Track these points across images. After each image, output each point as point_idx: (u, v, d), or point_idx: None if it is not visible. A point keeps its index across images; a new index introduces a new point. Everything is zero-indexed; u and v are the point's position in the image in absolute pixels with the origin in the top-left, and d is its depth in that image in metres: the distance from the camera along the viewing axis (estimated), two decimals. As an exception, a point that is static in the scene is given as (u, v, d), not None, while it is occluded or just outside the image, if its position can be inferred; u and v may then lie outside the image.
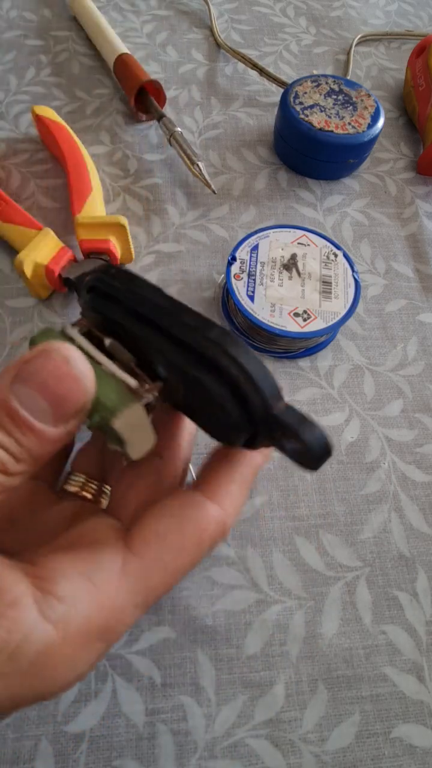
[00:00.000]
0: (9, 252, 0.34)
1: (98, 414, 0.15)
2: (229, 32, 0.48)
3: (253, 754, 0.22)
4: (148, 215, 0.36)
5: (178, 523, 0.16)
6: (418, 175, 0.41)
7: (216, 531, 0.16)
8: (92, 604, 0.14)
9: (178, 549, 0.16)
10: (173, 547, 0.16)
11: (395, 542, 0.27)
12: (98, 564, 0.15)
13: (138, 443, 0.16)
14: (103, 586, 0.15)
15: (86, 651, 0.14)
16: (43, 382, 0.14)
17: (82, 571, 0.15)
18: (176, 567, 0.16)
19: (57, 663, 0.14)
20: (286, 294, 0.30)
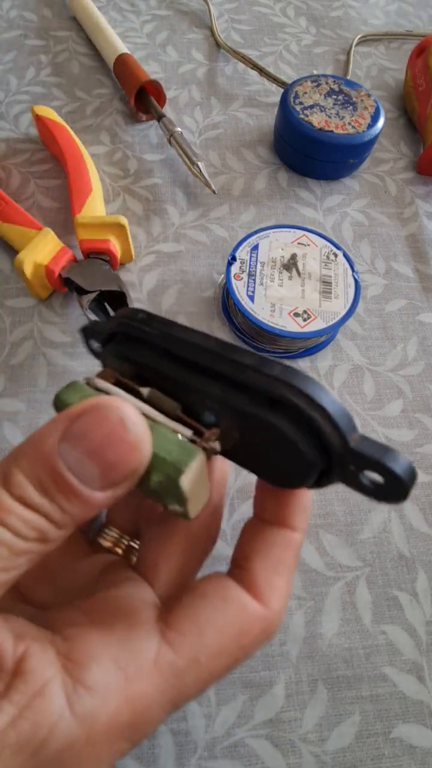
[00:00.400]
0: (9, 252, 0.34)
1: (160, 472, 0.13)
2: (229, 32, 0.48)
3: (253, 754, 0.22)
4: (148, 215, 0.36)
5: (219, 619, 0.14)
6: (418, 175, 0.41)
7: (261, 634, 0.15)
8: (121, 700, 0.13)
9: (217, 651, 0.14)
10: (212, 649, 0.14)
11: (395, 542, 0.27)
12: (132, 652, 0.14)
13: (198, 499, 0.14)
14: (135, 679, 0.13)
15: (109, 751, 0.13)
16: (96, 447, 0.12)
17: (115, 658, 0.14)
18: (212, 670, 0.14)
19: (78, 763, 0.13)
20: (286, 294, 0.30)
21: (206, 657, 0.14)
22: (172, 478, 0.13)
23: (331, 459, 0.14)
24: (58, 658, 0.13)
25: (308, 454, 0.13)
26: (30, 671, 0.12)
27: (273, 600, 0.15)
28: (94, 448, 0.12)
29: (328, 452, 0.14)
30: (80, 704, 0.12)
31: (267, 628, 0.15)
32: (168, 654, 0.14)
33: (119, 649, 0.14)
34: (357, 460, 0.13)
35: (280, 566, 0.16)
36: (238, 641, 0.14)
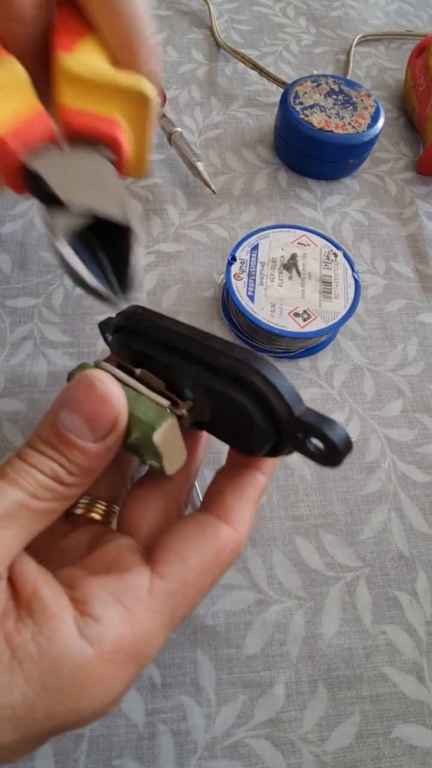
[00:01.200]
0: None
1: (138, 430, 0.17)
2: (229, 32, 0.48)
3: (253, 754, 0.22)
4: (148, 215, 0.36)
5: (198, 546, 0.17)
6: (418, 175, 0.41)
7: (232, 553, 0.18)
8: (125, 626, 0.15)
9: (200, 570, 0.17)
10: (195, 569, 0.17)
11: (395, 542, 0.27)
12: (128, 587, 0.16)
13: (173, 458, 0.17)
14: (134, 608, 0.15)
15: (119, 672, 0.15)
16: (78, 404, 0.16)
17: (114, 594, 0.16)
18: (198, 588, 0.17)
19: (93, 682, 0.14)
20: (286, 294, 0.30)
21: (192, 578, 0.17)
22: (147, 434, 0.16)
23: (280, 428, 0.16)
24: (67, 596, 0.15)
25: (261, 423, 0.16)
26: (44, 600, 0.15)
27: (241, 525, 0.18)
28: (76, 405, 0.16)
29: (278, 422, 0.16)
30: (88, 630, 0.14)
31: (236, 548, 0.18)
32: (159, 583, 0.16)
33: (116, 587, 0.16)
34: (302, 428, 0.16)
35: (248, 499, 0.19)
36: (216, 560, 0.17)
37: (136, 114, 0.18)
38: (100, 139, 0.17)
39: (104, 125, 0.17)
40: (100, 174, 0.17)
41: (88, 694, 0.14)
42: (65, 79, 0.17)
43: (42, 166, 0.16)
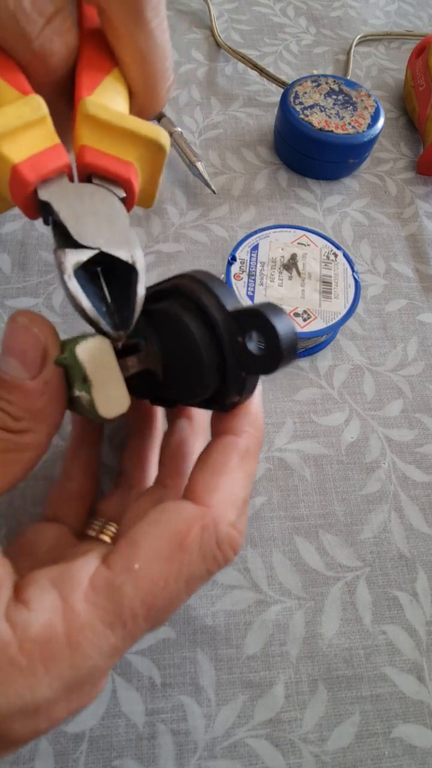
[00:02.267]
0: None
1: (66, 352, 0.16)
2: (229, 32, 0.48)
3: (253, 754, 0.22)
4: (148, 215, 0.36)
5: (151, 528, 0.15)
6: (418, 175, 0.41)
7: (202, 532, 0.15)
8: (55, 613, 0.13)
9: (152, 555, 0.14)
10: (147, 555, 0.14)
11: (395, 542, 0.27)
12: (70, 574, 0.14)
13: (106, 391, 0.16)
14: (70, 596, 0.14)
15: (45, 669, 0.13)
16: (8, 346, 0.16)
17: (53, 580, 0.14)
18: (153, 576, 0.14)
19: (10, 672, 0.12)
20: (286, 294, 0.30)
21: (141, 563, 0.14)
22: (72, 350, 0.15)
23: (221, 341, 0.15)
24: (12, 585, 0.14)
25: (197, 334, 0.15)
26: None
27: (212, 498, 0.15)
28: (7, 347, 0.16)
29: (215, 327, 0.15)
30: (15, 614, 0.13)
31: (208, 525, 0.15)
32: (103, 572, 0.14)
33: (59, 573, 0.14)
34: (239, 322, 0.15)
35: (220, 467, 0.16)
36: (177, 543, 0.15)
37: (150, 159, 0.19)
38: (114, 179, 0.18)
39: (120, 168, 0.18)
40: (110, 211, 0.18)
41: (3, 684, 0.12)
42: (86, 120, 0.17)
43: (54, 197, 0.17)
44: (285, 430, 0.29)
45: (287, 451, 0.29)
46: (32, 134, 0.17)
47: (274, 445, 0.29)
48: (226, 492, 0.16)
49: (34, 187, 0.17)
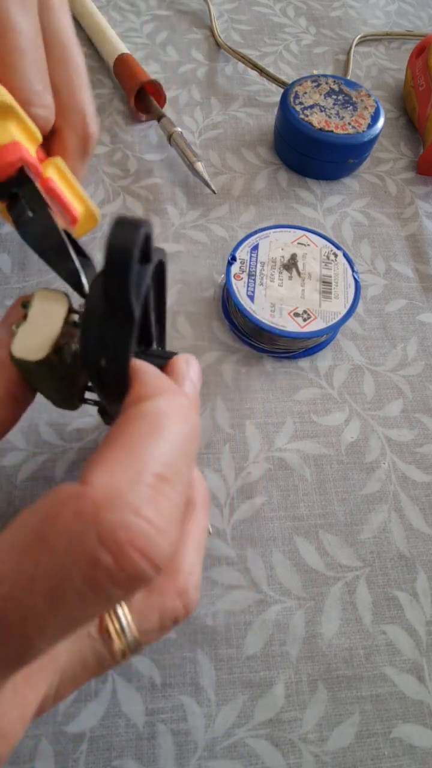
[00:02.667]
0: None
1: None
2: (229, 32, 0.48)
3: (253, 754, 0.22)
4: (148, 215, 0.36)
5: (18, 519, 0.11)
6: (418, 175, 0.41)
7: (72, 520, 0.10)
8: None
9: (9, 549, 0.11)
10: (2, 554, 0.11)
11: (395, 542, 0.27)
12: None
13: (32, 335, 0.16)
14: None
15: None
16: None
17: None
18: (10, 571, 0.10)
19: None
20: (286, 294, 0.30)
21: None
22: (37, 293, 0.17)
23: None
24: None
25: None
26: None
27: (95, 475, 0.11)
28: None
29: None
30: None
31: (82, 509, 0.10)
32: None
33: None
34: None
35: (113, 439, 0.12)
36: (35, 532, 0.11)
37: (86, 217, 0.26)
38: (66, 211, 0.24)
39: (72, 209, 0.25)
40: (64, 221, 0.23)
41: None
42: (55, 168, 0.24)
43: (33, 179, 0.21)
44: (285, 430, 0.29)
45: (287, 451, 0.29)
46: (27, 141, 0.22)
47: (274, 445, 0.29)
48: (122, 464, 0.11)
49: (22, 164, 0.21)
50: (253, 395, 0.30)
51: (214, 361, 0.31)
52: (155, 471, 0.11)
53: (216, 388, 0.30)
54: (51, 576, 0.10)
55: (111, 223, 0.13)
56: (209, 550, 0.26)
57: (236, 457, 0.28)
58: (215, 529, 0.26)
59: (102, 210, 0.36)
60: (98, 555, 0.10)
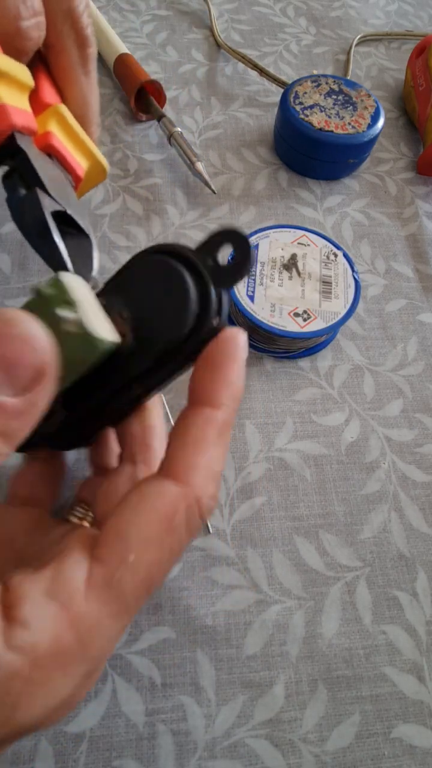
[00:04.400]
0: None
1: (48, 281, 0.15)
2: (229, 32, 0.48)
3: (253, 754, 0.22)
4: (148, 215, 0.36)
5: (138, 516, 0.15)
6: (418, 175, 0.41)
7: (189, 510, 0.15)
8: (60, 624, 0.13)
9: (144, 543, 0.14)
10: (139, 544, 0.14)
11: (395, 542, 0.27)
12: (63, 581, 0.14)
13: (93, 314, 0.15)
14: (69, 603, 0.14)
15: (64, 673, 0.13)
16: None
17: (47, 591, 0.14)
18: (147, 563, 0.14)
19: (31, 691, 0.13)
20: (286, 294, 0.30)
21: (138, 554, 0.14)
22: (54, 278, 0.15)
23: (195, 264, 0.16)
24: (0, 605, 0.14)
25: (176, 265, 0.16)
26: None
27: (193, 476, 0.15)
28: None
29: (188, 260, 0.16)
30: (16, 638, 0.13)
31: (191, 504, 0.15)
32: (97, 569, 0.14)
33: (50, 582, 0.14)
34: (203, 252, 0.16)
35: (199, 443, 0.15)
36: (165, 526, 0.15)
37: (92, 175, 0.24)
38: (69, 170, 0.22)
39: (76, 166, 0.23)
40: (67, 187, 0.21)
41: (26, 704, 0.13)
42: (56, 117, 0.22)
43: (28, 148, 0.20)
44: (285, 430, 0.29)
45: (287, 451, 0.29)
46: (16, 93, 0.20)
47: (274, 445, 0.29)
48: (206, 468, 0.15)
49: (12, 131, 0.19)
50: (253, 395, 0.30)
51: (214, 361, 0.31)
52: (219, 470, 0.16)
53: (216, 388, 0.30)
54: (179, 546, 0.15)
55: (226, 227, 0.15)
56: (209, 550, 0.26)
57: (236, 457, 0.28)
58: (215, 529, 0.26)
59: (102, 210, 0.36)
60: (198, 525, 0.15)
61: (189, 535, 0.15)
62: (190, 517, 0.15)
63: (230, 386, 0.16)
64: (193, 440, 0.16)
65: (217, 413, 0.16)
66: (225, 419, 0.16)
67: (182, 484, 0.15)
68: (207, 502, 0.15)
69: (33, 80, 0.20)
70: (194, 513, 0.15)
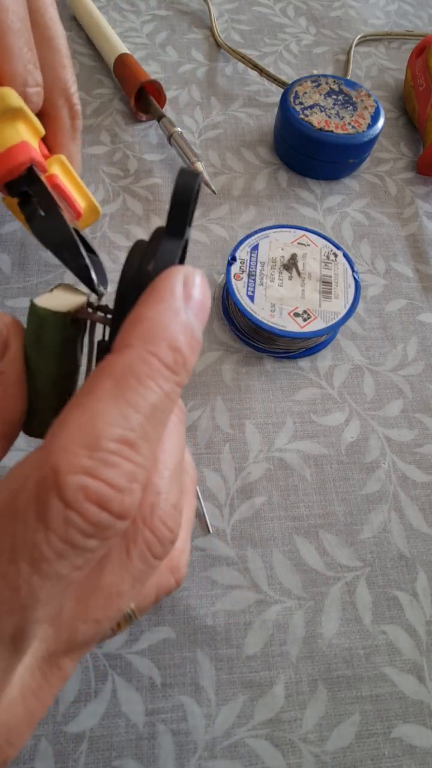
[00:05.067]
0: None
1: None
2: (229, 32, 0.48)
3: (253, 754, 0.22)
4: (148, 215, 0.36)
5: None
6: (418, 175, 0.41)
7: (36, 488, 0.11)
8: None
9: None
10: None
11: (395, 542, 0.27)
12: None
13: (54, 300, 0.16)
14: None
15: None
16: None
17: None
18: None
19: None
20: (286, 294, 0.30)
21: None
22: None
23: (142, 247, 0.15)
24: None
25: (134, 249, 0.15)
26: None
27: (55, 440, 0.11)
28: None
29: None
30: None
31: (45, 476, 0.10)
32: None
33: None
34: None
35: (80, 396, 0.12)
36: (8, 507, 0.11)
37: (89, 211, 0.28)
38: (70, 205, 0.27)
39: (76, 204, 0.27)
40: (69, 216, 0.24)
41: None
42: (59, 163, 0.26)
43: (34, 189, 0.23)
44: (285, 430, 0.29)
45: (287, 451, 0.29)
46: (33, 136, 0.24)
47: (274, 445, 0.29)
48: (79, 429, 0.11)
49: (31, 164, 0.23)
50: (253, 395, 0.30)
51: (214, 361, 0.31)
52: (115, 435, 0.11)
53: (216, 388, 0.30)
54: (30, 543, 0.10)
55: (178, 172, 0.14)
56: (209, 550, 0.26)
57: (236, 457, 0.28)
58: (215, 528, 0.26)
59: (102, 210, 0.36)
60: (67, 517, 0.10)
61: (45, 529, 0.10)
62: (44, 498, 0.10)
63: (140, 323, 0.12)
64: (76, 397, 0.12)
65: (115, 358, 0.12)
66: (128, 363, 0.12)
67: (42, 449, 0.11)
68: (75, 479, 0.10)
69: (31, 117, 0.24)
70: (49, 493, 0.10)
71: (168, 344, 0.12)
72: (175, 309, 0.12)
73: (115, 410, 0.11)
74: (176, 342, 0.12)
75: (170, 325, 0.12)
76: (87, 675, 0.23)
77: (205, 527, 0.26)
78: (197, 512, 0.27)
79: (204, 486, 0.27)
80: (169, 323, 0.12)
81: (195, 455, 0.28)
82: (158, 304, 0.12)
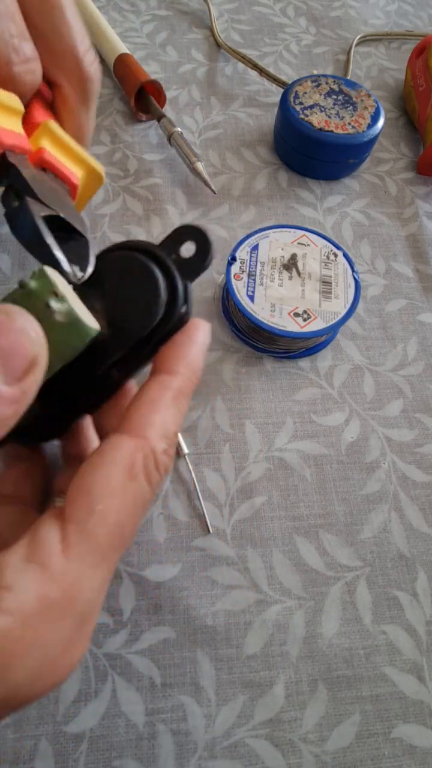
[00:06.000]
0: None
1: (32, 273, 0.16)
2: (229, 32, 0.48)
3: (253, 754, 0.22)
4: (148, 215, 0.36)
5: (99, 472, 0.16)
6: (418, 175, 0.41)
7: (146, 459, 0.16)
8: (44, 583, 0.14)
9: (108, 492, 0.15)
10: (102, 494, 0.15)
11: (395, 542, 0.27)
12: (39, 545, 0.15)
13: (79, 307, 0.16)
14: (48, 562, 0.14)
15: (54, 629, 0.14)
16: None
17: (25, 556, 0.15)
18: (115, 510, 0.15)
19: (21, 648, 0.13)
20: (286, 294, 0.30)
21: (102, 504, 0.15)
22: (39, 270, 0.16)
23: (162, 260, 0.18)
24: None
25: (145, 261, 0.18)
26: None
27: (147, 431, 0.16)
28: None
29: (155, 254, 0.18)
30: (4, 602, 0.14)
31: (148, 454, 0.16)
32: (69, 526, 0.15)
33: (27, 548, 0.15)
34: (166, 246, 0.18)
35: (154, 403, 0.17)
36: (125, 475, 0.16)
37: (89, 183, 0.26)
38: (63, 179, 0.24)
39: (70, 175, 0.24)
40: (63, 196, 0.22)
41: (18, 662, 0.13)
42: (47, 133, 0.23)
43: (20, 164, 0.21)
44: (285, 430, 0.29)
45: (287, 451, 0.29)
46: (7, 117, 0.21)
47: (274, 445, 0.29)
48: (160, 426, 0.17)
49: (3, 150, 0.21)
50: (253, 395, 0.30)
51: (214, 361, 0.31)
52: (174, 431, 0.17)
53: (216, 387, 0.30)
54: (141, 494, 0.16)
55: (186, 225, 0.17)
56: (209, 550, 0.26)
57: (236, 457, 0.28)
58: (215, 528, 0.26)
59: (102, 210, 0.36)
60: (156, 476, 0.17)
61: (149, 484, 0.16)
62: (148, 465, 0.16)
63: (186, 358, 0.18)
64: (148, 400, 0.17)
65: (172, 379, 0.17)
66: (180, 386, 0.18)
67: (138, 438, 0.16)
68: (161, 456, 0.17)
69: (23, 106, 0.22)
70: (151, 463, 0.16)
71: (196, 375, 0.18)
72: (203, 352, 0.19)
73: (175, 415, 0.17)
74: (199, 372, 0.19)
75: (200, 362, 0.18)
76: (87, 675, 0.23)
77: (205, 527, 0.26)
78: (197, 512, 0.27)
79: (204, 486, 0.27)
80: (199, 361, 0.18)
81: (195, 455, 0.28)
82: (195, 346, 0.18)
